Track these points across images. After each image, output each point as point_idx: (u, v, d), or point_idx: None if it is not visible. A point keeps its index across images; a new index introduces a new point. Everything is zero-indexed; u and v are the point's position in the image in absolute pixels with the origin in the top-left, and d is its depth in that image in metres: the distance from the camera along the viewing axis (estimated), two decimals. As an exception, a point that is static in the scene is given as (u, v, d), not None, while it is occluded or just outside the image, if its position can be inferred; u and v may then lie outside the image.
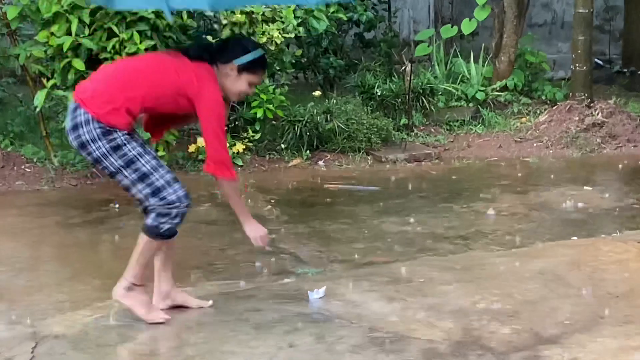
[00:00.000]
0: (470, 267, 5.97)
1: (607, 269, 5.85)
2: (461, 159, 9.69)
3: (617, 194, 8.03)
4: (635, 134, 9.98)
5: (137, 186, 4.69)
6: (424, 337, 4.76)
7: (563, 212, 7.50)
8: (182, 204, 4.72)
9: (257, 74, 4.92)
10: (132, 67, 4.85)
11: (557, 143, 9.93)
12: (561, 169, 9.23)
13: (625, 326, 4.92)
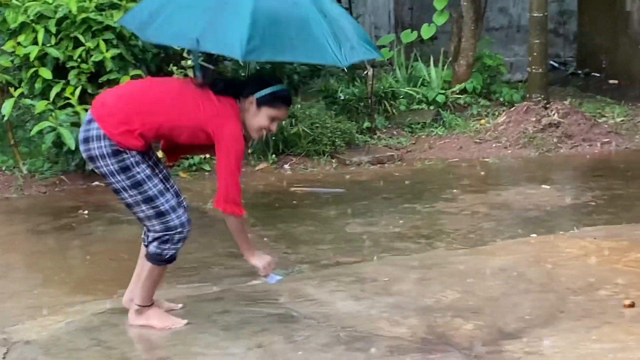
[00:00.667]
0: (433, 265, 6.13)
1: (566, 264, 6.04)
2: (423, 161, 9.86)
3: (574, 192, 8.24)
4: (590, 134, 10.19)
5: (140, 207, 4.70)
6: (390, 335, 4.91)
7: (522, 211, 7.69)
8: (184, 230, 4.77)
9: (278, 108, 4.79)
10: (154, 92, 4.79)
11: (515, 143, 10.13)
12: (520, 169, 9.43)
13: (583, 320, 5.09)
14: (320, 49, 4.57)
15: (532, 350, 4.69)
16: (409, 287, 5.68)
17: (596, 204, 7.87)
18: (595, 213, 7.62)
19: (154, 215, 4.70)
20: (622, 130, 10.57)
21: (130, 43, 8.58)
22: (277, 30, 4.54)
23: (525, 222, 7.33)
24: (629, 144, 10.15)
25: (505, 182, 8.83)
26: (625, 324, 5.03)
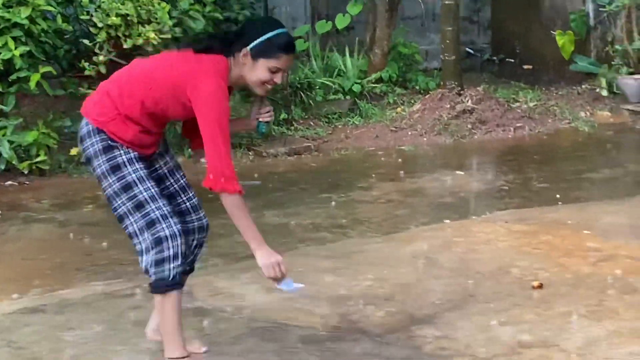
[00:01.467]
0: (348, 254, 6.18)
1: (477, 249, 6.13)
2: (340, 150, 9.91)
3: (488, 177, 8.36)
4: (503, 119, 10.35)
5: (132, 216, 4.16)
6: (303, 325, 4.94)
7: (436, 197, 7.78)
8: (175, 242, 4.16)
9: (277, 57, 4.13)
10: (133, 71, 4.27)
11: (431, 131, 10.23)
12: (434, 156, 9.54)
13: (493, 303, 5.19)
14: None
15: (442, 335, 4.76)
16: (323, 277, 5.71)
17: (508, 189, 8.00)
18: (507, 197, 7.75)
19: (145, 226, 4.13)
20: (535, 114, 10.74)
21: (40, 40, 8.46)
22: None
23: (439, 208, 7.42)
24: (542, 128, 10.33)
25: (421, 170, 8.92)
26: (533, 305, 5.13)
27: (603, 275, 5.53)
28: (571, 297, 5.21)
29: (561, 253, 5.96)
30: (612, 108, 11.14)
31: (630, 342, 4.58)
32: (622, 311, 4.99)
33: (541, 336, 4.69)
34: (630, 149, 9.76)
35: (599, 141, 9.89)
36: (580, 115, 10.82)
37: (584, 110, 11.08)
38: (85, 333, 4.87)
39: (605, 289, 5.31)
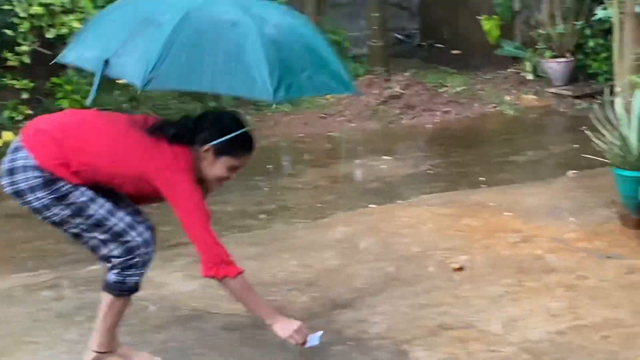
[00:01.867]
0: (273, 240, 6.21)
1: (401, 233, 6.20)
2: (269, 138, 9.90)
3: (414, 162, 8.44)
4: (430, 104, 10.44)
5: (91, 233, 4.01)
6: (225, 312, 4.96)
7: (363, 182, 7.83)
8: (149, 250, 4.11)
9: (239, 156, 4.16)
10: (93, 128, 4.03)
11: (359, 117, 10.29)
12: (363, 141, 9.59)
13: (415, 286, 5.26)
14: (248, 79, 3.82)
15: (362, 319, 4.82)
16: (248, 264, 5.66)
17: (434, 173, 8.09)
18: (433, 181, 7.84)
19: (111, 238, 4.01)
20: (462, 99, 10.85)
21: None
22: (198, 54, 3.84)
23: (366, 193, 7.48)
24: (468, 112, 10.44)
25: (349, 155, 8.97)
26: (454, 287, 5.22)
27: (523, 256, 5.64)
28: (491, 279, 5.31)
29: (482, 235, 6.06)
30: (537, 91, 11.29)
31: (546, 321, 4.69)
32: (541, 291, 5.09)
33: (460, 318, 4.78)
34: (553, 131, 9.92)
35: (524, 124, 10.03)
36: (505, 99, 10.96)
37: (510, 94, 11.22)
38: (4, 325, 4.84)
39: (525, 270, 5.41)
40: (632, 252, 5.64)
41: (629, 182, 5.99)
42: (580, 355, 4.29)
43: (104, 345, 4.19)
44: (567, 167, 7.75)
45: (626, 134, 6.02)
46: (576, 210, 6.50)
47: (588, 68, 11.35)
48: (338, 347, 4.48)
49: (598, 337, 4.48)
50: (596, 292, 5.04)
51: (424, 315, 4.83)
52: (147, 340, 4.65)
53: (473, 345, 4.46)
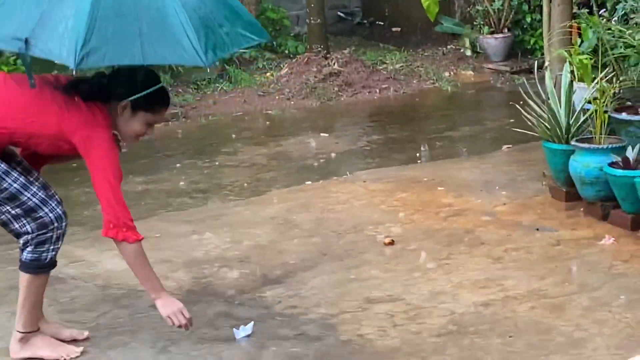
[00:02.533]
0: (206, 218, 6.22)
1: (334, 208, 6.24)
2: (207, 116, 9.88)
3: (351, 138, 8.46)
4: (369, 80, 10.46)
5: (4, 207, 3.95)
6: (157, 290, 4.97)
7: (300, 160, 7.85)
8: (62, 224, 4.05)
9: (157, 111, 4.12)
10: (7, 93, 3.98)
11: (298, 94, 10.29)
12: (301, 119, 9.60)
13: (345, 260, 5.31)
14: (177, 46, 3.78)
15: (292, 294, 4.86)
16: (180, 242, 5.75)
17: (370, 149, 8.12)
18: (369, 157, 7.87)
19: (23, 213, 3.96)
20: (400, 76, 10.89)
21: None
22: (123, 25, 3.74)
23: (302, 170, 7.50)
24: (406, 89, 10.48)
25: (286, 133, 8.97)
26: (384, 261, 5.27)
27: (453, 230, 5.70)
28: (421, 252, 5.36)
29: (414, 210, 6.11)
30: (475, 67, 11.38)
31: (473, 293, 4.75)
32: (469, 264, 5.16)
33: (389, 291, 4.83)
34: (490, 106, 9.99)
35: (461, 100, 10.10)
36: (444, 75, 11.02)
37: (448, 70, 11.29)
38: None
39: (454, 243, 5.48)
40: (561, 224, 5.73)
41: (558, 155, 6.08)
42: (506, 326, 4.35)
43: (29, 325, 4.14)
44: (502, 141, 7.83)
45: (555, 108, 6.09)
46: (508, 184, 6.57)
47: (525, 44, 11.48)
48: (267, 322, 4.50)
49: (524, 308, 4.55)
50: (523, 264, 5.11)
51: (353, 290, 4.87)
52: (77, 318, 4.65)
53: (401, 318, 4.51)
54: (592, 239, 5.44)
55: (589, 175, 5.73)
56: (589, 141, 5.85)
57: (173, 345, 4.27)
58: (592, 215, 5.77)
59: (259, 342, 4.28)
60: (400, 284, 4.91)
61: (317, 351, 4.18)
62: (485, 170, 7.03)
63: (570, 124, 6.06)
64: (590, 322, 4.34)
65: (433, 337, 4.27)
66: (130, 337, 4.38)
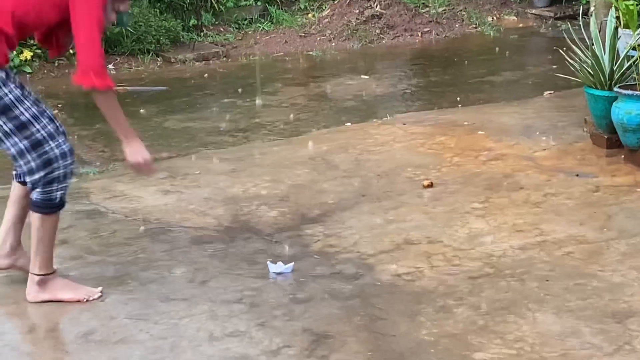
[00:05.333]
0: (246, 157, 6.24)
1: (373, 150, 6.24)
2: (248, 56, 9.89)
3: (392, 81, 8.44)
4: (411, 24, 10.40)
5: (12, 138, 3.85)
6: (196, 225, 5.02)
7: (340, 101, 7.84)
8: (67, 161, 3.94)
9: None
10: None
11: (339, 36, 10.26)
12: (341, 61, 9.58)
13: (383, 202, 5.31)
14: None
15: (330, 233, 4.88)
16: (219, 179, 5.78)
17: (411, 92, 8.10)
18: (409, 100, 7.85)
19: (30, 146, 3.85)
20: (443, 19, 10.81)
21: None
22: None
23: (342, 111, 7.50)
24: (448, 33, 10.42)
25: (327, 74, 8.96)
26: (422, 203, 5.27)
27: (492, 174, 5.68)
28: (459, 195, 5.36)
29: (454, 153, 6.10)
30: (518, 12, 11.26)
31: (511, 237, 4.75)
32: (507, 208, 5.15)
33: (427, 233, 4.83)
34: (532, 52, 9.91)
35: (503, 45, 10.01)
36: (487, 19, 10.93)
37: (491, 14, 11.18)
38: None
39: (493, 187, 5.46)
40: (601, 171, 5.70)
41: (600, 102, 6.02)
42: (543, 270, 4.35)
43: (45, 267, 4.07)
44: (544, 87, 7.77)
45: (598, 54, 6.02)
46: (549, 129, 6.53)
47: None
48: (305, 260, 4.53)
49: (561, 253, 4.54)
50: (562, 209, 5.09)
51: (390, 231, 4.88)
52: (116, 251, 4.69)
53: (437, 259, 4.51)
54: (632, 185, 5.41)
55: (630, 122, 5.68)
56: (632, 88, 5.79)
57: (212, 280, 4.32)
58: (633, 163, 5.73)
59: (296, 280, 4.31)
60: (438, 226, 4.91)
61: (354, 289, 4.20)
62: (526, 116, 6.99)
63: (613, 70, 5.99)
64: (628, 268, 4.33)
65: (469, 279, 4.28)
66: (169, 272, 4.42)
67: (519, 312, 3.94)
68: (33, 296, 4.08)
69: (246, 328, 3.84)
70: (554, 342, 3.68)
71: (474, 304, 4.03)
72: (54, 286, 4.10)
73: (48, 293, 4.08)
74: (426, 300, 4.09)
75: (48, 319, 3.96)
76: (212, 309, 4.03)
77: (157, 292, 4.19)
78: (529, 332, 3.77)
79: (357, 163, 5.99)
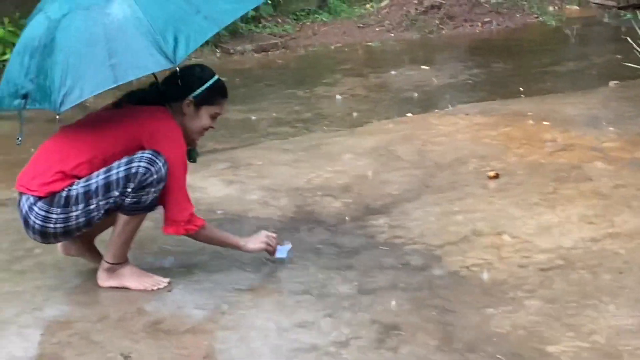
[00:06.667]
0: (308, 148, 6.20)
1: (436, 140, 6.17)
2: (307, 47, 9.86)
3: (453, 72, 8.35)
4: (471, 14, 10.30)
5: (113, 190, 3.92)
6: (260, 216, 5.00)
7: (400, 92, 7.78)
8: (158, 165, 3.91)
9: (219, 103, 4.19)
10: (71, 134, 4.05)
11: (398, 26, 10.18)
12: (401, 51, 9.50)
13: (447, 192, 5.25)
14: (144, 55, 3.75)
15: (396, 224, 4.82)
16: (282, 170, 5.75)
17: (473, 82, 8.01)
18: (471, 91, 7.77)
19: (124, 177, 3.90)
20: (503, 9, 10.69)
21: None
22: (92, 55, 3.76)
23: (402, 102, 7.43)
24: (509, 23, 10.30)
25: (386, 65, 8.89)
26: (488, 194, 5.19)
27: (559, 165, 5.59)
28: (526, 186, 5.27)
29: (519, 144, 6.01)
30: (581, 2, 11.10)
31: (580, 228, 4.67)
32: (576, 199, 5.05)
33: (493, 224, 4.76)
34: (595, 42, 9.74)
35: (566, 35, 9.87)
36: (548, 9, 10.78)
37: (553, 4, 11.03)
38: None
39: (560, 178, 5.37)
40: (671, 161, 5.58)
41: (670, 92, 5.91)
42: (615, 262, 4.26)
43: (118, 257, 4.13)
44: (609, 77, 7.63)
45: (669, 42, 5.91)
46: (616, 120, 6.41)
47: (634, -22, 11.14)
48: (371, 251, 4.49)
49: (633, 245, 4.45)
50: (632, 201, 4.99)
51: (457, 222, 4.82)
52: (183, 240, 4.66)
53: (506, 251, 4.45)
54: None
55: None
56: None
57: (278, 271, 4.28)
58: None
59: (364, 271, 4.27)
60: (505, 217, 4.83)
61: (423, 281, 4.15)
62: (592, 106, 6.86)
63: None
64: None
65: (540, 271, 4.21)
66: (234, 261, 4.39)
67: (592, 304, 3.86)
68: (102, 281, 4.16)
69: (314, 319, 3.81)
70: (629, 336, 3.61)
71: (545, 296, 3.96)
72: (123, 273, 4.15)
73: (116, 279, 4.15)
74: (496, 292, 4.02)
75: (117, 308, 3.95)
76: (279, 299, 4.01)
77: (224, 283, 4.17)
78: (603, 325, 3.70)
79: (421, 154, 5.93)
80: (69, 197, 3.90)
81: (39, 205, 3.91)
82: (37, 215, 3.92)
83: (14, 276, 4.34)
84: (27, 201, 3.94)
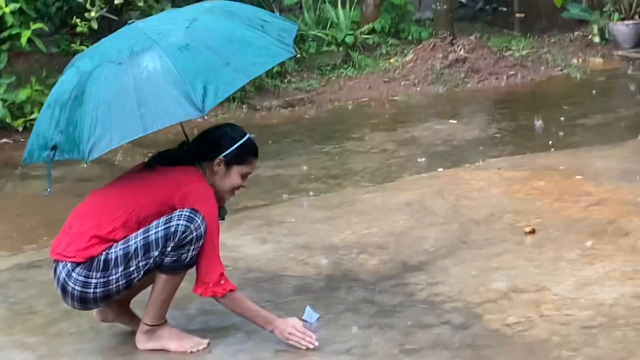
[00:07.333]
0: (341, 204, 6.20)
1: (470, 196, 6.16)
2: (333, 102, 9.91)
3: (481, 125, 8.37)
4: (496, 67, 10.34)
5: (152, 250, 3.92)
6: (297, 275, 4.98)
7: (430, 146, 7.79)
8: (197, 222, 3.92)
9: (249, 162, 4.20)
10: (103, 197, 4.09)
11: (424, 80, 10.23)
12: (428, 105, 9.54)
13: (485, 249, 5.22)
14: (174, 105, 3.79)
15: (434, 281, 4.80)
16: (316, 227, 5.75)
17: (501, 136, 8.02)
18: (500, 144, 7.77)
19: (162, 237, 3.92)
20: (528, 62, 10.74)
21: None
22: (121, 105, 3.81)
23: (433, 156, 7.44)
24: (534, 76, 10.33)
25: (414, 119, 8.93)
26: (526, 250, 5.17)
27: (595, 220, 5.56)
28: (563, 242, 5.25)
29: (553, 198, 5.99)
30: (604, 54, 11.14)
31: (621, 284, 4.62)
32: (615, 255, 5.02)
33: (533, 281, 4.73)
34: (621, 94, 9.76)
35: (591, 87, 9.89)
36: (572, 62, 10.82)
37: (576, 57, 11.07)
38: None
39: (597, 233, 5.34)
40: None
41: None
42: (657, 319, 4.23)
43: (157, 318, 4.11)
44: (637, 129, 7.63)
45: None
46: (648, 173, 6.40)
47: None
48: (411, 309, 4.46)
49: (676, 301, 4.41)
50: (672, 256, 4.96)
51: (496, 278, 4.79)
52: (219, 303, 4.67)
53: (547, 308, 4.41)
54: None
55: None
56: None
57: (318, 330, 4.26)
58: None
59: (405, 330, 4.24)
60: (544, 274, 4.80)
61: (464, 339, 4.12)
62: (623, 159, 6.85)
63: None
64: None
65: (582, 329, 4.17)
66: (274, 321, 4.38)
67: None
68: (142, 343, 4.14)
69: (358, 380, 3.78)
70: (679, 395, 3.56)
71: (590, 354, 3.92)
72: (163, 335, 4.13)
73: (156, 342, 4.12)
74: (540, 351, 3.99)
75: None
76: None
77: (264, 343, 4.15)
78: (651, 384, 3.65)
79: (455, 209, 5.92)
80: (108, 260, 3.91)
81: (78, 270, 3.91)
82: (76, 281, 3.92)
83: (51, 339, 4.34)
84: (64, 268, 3.94)
